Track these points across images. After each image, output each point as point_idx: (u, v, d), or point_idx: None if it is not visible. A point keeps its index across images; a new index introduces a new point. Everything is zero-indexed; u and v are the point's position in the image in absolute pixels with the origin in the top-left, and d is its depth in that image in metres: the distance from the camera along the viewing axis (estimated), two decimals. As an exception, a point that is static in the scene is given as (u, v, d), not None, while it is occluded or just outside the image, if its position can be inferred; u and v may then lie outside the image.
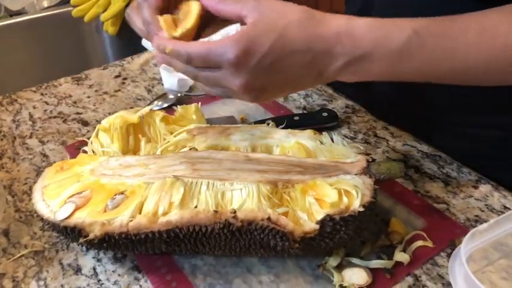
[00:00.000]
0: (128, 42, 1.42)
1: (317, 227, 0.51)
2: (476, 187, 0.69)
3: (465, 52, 0.51)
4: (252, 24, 0.49)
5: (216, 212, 0.52)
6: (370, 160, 0.60)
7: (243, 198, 0.54)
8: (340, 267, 0.57)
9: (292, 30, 0.49)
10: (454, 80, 0.54)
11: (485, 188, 0.69)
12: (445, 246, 0.60)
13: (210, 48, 0.49)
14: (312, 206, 0.54)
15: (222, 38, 0.51)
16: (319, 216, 0.52)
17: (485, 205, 0.66)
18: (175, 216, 0.52)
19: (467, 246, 0.43)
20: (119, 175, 0.59)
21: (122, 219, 0.53)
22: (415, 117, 0.81)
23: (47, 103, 0.93)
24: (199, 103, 0.73)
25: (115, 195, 0.56)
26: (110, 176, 0.59)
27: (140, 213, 0.54)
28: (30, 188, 0.72)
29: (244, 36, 0.48)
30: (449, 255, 0.59)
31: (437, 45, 0.50)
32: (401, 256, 0.57)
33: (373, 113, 0.86)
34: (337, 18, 0.51)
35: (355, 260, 0.57)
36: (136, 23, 0.66)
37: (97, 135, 0.67)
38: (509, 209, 0.65)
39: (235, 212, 0.52)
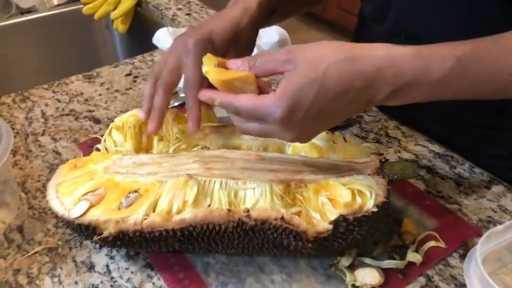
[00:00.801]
0: (138, 40, 1.43)
1: (330, 227, 0.51)
2: (488, 188, 0.69)
3: (508, 74, 0.51)
4: (291, 78, 0.49)
5: (229, 210, 0.52)
6: (383, 160, 0.60)
7: (256, 198, 0.55)
8: (352, 267, 0.57)
9: (332, 75, 0.49)
10: (493, 97, 0.55)
11: (497, 188, 0.69)
12: (458, 247, 0.60)
13: (257, 105, 0.50)
14: (325, 206, 0.54)
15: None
16: (333, 216, 0.52)
17: (498, 206, 0.66)
18: (189, 214, 0.52)
19: (482, 247, 0.43)
20: (133, 173, 0.59)
21: (136, 217, 0.53)
22: (427, 117, 0.81)
23: (58, 101, 0.94)
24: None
25: (129, 193, 0.56)
26: (123, 174, 0.59)
27: (154, 211, 0.54)
28: (44, 185, 0.73)
29: (286, 93, 0.49)
30: (461, 256, 0.59)
31: (480, 72, 0.51)
32: (413, 256, 0.57)
33: (385, 112, 0.86)
34: (376, 50, 0.50)
35: (367, 260, 0.58)
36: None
37: (110, 133, 0.67)
38: (522, 210, 0.65)
39: (248, 211, 0.52)
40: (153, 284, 0.58)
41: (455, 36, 0.52)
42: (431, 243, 0.60)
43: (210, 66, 0.53)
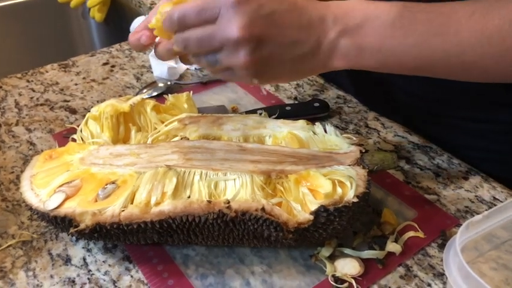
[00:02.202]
0: (115, 28, 1.40)
1: (311, 217, 0.51)
2: (466, 178, 0.70)
3: (456, 29, 0.50)
4: None
5: (209, 202, 0.51)
6: (363, 151, 0.60)
7: (237, 189, 0.54)
8: (332, 258, 0.57)
9: None
10: (449, 67, 0.53)
11: (475, 179, 0.70)
12: (436, 237, 0.61)
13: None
14: (305, 197, 0.54)
15: None
16: (313, 206, 0.52)
17: (475, 196, 0.67)
18: (168, 206, 0.51)
19: (461, 237, 0.44)
20: (110, 164, 0.58)
21: (113, 209, 0.52)
22: (406, 108, 0.81)
23: (33, 90, 0.91)
24: (191, 92, 0.72)
25: (106, 184, 0.55)
26: (100, 165, 0.58)
27: (132, 203, 0.53)
28: (17, 177, 0.71)
29: None
30: (440, 246, 0.60)
31: (429, 21, 0.50)
32: (393, 246, 0.58)
33: (365, 103, 0.86)
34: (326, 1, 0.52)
35: (347, 251, 0.58)
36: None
37: (86, 123, 0.66)
38: (498, 200, 0.66)
39: (229, 202, 0.51)
40: (131, 276, 0.57)
41: None
42: (411, 234, 0.60)
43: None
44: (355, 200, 0.52)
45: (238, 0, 0.47)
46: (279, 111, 0.77)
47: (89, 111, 0.66)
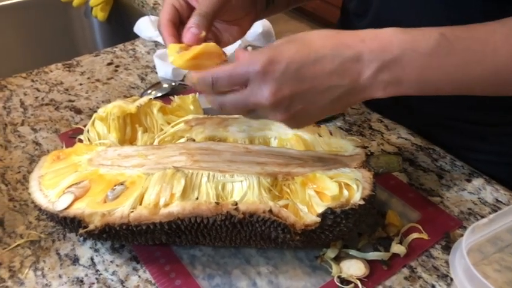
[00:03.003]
0: (118, 28, 1.41)
1: (318, 219, 0.52)
2: (469, 180, 0.71)
3: (494, 54, 0.50)
4: (273, 43, 0.49)
5: (217, 203, 0.52)
6: (368, 153, 0.60)
7: (244, 191, 0.55)
8: (338, 259, 0.58)
9: (316, 40, 0.49)
10: (484, 88, 0.54)
11: (477, 181, 0.70)
12: (440, 239, 0.61)
13: (235, 66, 0.49)
14: (312, 199, 0.55)
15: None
16: (320, 209, 0.53)
17: (478, 198, 0.67)
18: (176, 207, 0.52)
19: (468, 240, 0.44)
20: (118, 165, 0.59)
21: (122, 210, 0.53)
22: (409, 110, 0.82)
23: (38, 90, 0.91)
24: (197, 93, 0.73)
25: (115, 185, 0.56)
26: (108, 167, 0.59)
27: (141, 204, 0.54)
28: (24, 177, 0.71)
29: (268, 49, 0.49)
30: (443, 247, 0.60)
31: (466, 49, 0.50)
32: (398, 248, 0.58)
33: (368, 105, 0.86)
34: (362, 30, 0.51)
35: (352, 252, 0.58)
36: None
37: (93, 124, 0.66)
38: (501, 202, 0.67)
39: (236, 204, 0.52)
40: (139, 277, 0.57)
41: None
42: (415, 235, 0.61)
43: (173, 54, 0.52)
44: (362, 202, 0.53)
45: (264, 68, 0.47)
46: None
47: (94, 111, 0.67)
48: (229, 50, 0.53)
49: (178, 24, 0.59)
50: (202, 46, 0.52)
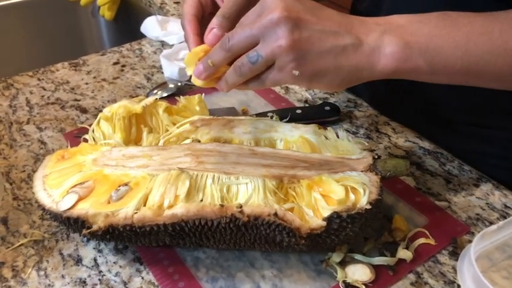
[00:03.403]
0: (125, 27, 1.41)
1: (324, 223, 0.51)
2: (477, 185, 0.70)
3: (500, 31, 0.50)
4: None
5: (222, 206, 0.51)
6: (376, 157, 0.59)
7: (249, 193, 0.54)
8: (343, 263, 0.57)
9: (327, 8, 0.52)
10: (496, 64, 0.52)
11: (486, 186, 0.69)
12: (447, 244, 0.60)
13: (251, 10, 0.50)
14: (318, 202, 0.54)
15: None
16: (326, 212, 0.52)
17: (486, 204, 0.67)
18: (181, 209, 0.52)
19: (476, 246, 0.44)
20: (122, 166, 0.58)
21: (126, 211, 0.52)
22: (417, 113, 0.81)
23: (44, 89, 0.91)
24: (203, 94, 0.72)
25: (119, 186, 0.55)
26: (113, 167, 0.58)
27: (145, 205, 0.53)
28: (29, 176, 0.71)
29: None
30: (451, 253, 0.60)
31: (469, 22, 0.51)
32: (404, 253, 0.58)
33: (375, 107, 0.86)
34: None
35: (358, 257, 0.58)
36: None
37: (98, 123, 0.66)
38: (510, 208, 0.66)
39: (241, 206, 0.51)
40: (142, 278, 0.57)
41: None
42: (421, 240, 0.60)
43: (193, 68, 0.55)
44: (368, 206, 0.52)
45: None
46: (290, 114, 0.77)
47: (100, 110, 0.67)
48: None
49: (201, 19, 0.59)
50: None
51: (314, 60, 0.49)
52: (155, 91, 0.89)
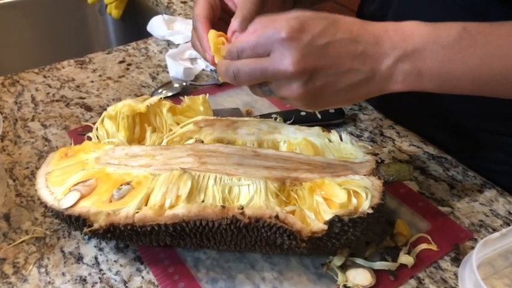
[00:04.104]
0: (132, 26, 1.41)
1: (325, 227, 0.51)
2: (481, 191, 0.69)
3: None
4: (298, 13, 0.49)
5: (223, 207, 0.51)
6: (379, 161, 0.59)
7: (251, 195, 0.54)
8: (344, 267, 0.57)
9: (343, 24, 0.49)
10: (505, 86, 0.52)
11: (490, 192, 0.69)
12: (449, 250, 0.60)
13: (259, 35, 0.48)
14: (319, 206, 0.54)
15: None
16: (327, 216, 0.52)
17: (490, 210, 0.66)
18: (182, 209, 0.51)
19: (478, 253, 0.43)
20: (125, 165, 0.58)
21: (127, 210, 0.52)
22: (422, 117, 0.81)
23: (49, 86, 0.92)
24: (207, 94, 0.72)
25: (121, 185, 0.55)
26: (115, 166, 0.58)
27: (146, 205, 0.53)
28: (32, 173, 0.71)
29: (293, 18, 0.48)
30: (453, 260, 0.59)
31: (488, 43, 0.49)
32: (405, 259, 0.57)
33: (380, 110, 0.85)
34: (385, 22, 0.51)
35: (359, 261, 0.57)
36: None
37: (102, 121, 0.66)
38: (513, 215, 0.65)
39: (243, 208, 0.51)
40: (142, 277, 0.57)
41: None
42: (424, 246, 0.60)
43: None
44: (370, 211, 0.52)
45: (290, 35, 0.47)
46: (294, 116, 0.77)
47: (104, 109, 0.67)
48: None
49: (212, 22, 0.59)
50: None
51: (327, 99, 0.51)
52: (160, 90, 0.89)
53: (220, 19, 0.59)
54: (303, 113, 0.80)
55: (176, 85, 0.90)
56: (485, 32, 0.50)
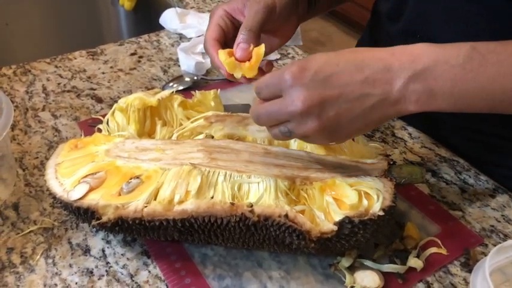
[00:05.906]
0: (143, 18, 1.40)
1: (335, 228, 0.50)
2: (493, 196, 0.68)
3: None
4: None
5: (232, 204, 0.51)
6: (391, 162, 0.58)
7: (260, 193, 0.53)
8: (352, 269, 0.56)
9: (346, 53, 0.50)
10: None
11: (502, 197, 0.68)
12: (459, 255, 0.59)
13: (271, 74, 0.51)
14: (329, 206, 0.53)
15: None
16: (337, 217, 0.51)
17: (502, 215, 0.65)
18: (191, 205, 0.51)
19: (491, 261, 0.43)
20: (135, 158, 0.58)
21: (136, 204, 0.52)
22: (435, 120, 0.80)
23: (60, 76, 0.91)
24: (218, 90, 0.72)
25: (130, 179, 0.55)
26: (125, 159, 0.58)
27: (155, 199, 0.53)
28: (41, 163, 0.71)
29: (299, 60, 0.50)
30: (462, 264, 0.58)
31: (500, 62, 0.49)
32: (415, 262, 0.57)
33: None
34: (391, 47, 0.50)
35: (367, 263, 0.57)
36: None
37: (113, 114, 0.66)
38: (525, 221, 0.64)
39: (252, 206, 0.51)
40: (149, 272, 0.57)
41: (472, 38, 0.50)
42: (433, 250, 0.59)
43: (236, 68, 0.57)
44: (381, 213, 0.51)
45: (294, 76, 0.48)
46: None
47: (115, 101, 0.66)
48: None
49: (223, 43, 0.61)
50: (256, 55, 0.56)
51: (345, 128, 0.51)
52: (171, 84, 0.89)
53: (234, 37, 0.60)
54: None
55: (187, 79, 0.90)
56: (496, 51, 0.49)
